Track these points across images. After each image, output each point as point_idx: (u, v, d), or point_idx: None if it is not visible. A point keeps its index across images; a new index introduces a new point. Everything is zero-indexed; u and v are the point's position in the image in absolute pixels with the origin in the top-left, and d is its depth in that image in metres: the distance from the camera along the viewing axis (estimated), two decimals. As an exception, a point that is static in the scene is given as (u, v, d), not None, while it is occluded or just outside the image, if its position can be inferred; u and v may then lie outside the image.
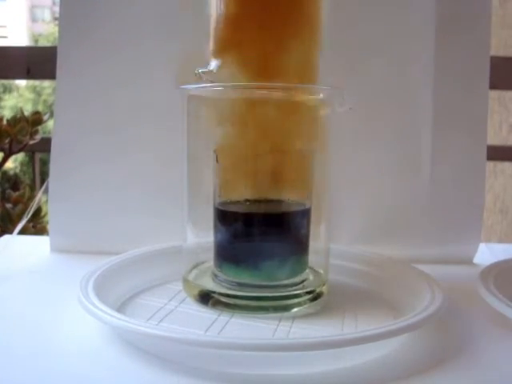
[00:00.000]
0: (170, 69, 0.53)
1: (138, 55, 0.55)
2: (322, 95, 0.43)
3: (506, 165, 1.73)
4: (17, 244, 0.58)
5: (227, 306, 0.41)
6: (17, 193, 0.92)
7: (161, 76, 0.54)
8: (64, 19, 0.56)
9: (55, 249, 0.58)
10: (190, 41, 0.47)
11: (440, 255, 0.55)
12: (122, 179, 0.57)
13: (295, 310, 0.41)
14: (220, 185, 0.43)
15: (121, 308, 0.41)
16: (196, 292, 0.43)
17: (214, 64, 0.41)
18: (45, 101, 7.04)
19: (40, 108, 6.72)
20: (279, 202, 0.43)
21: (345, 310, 0.42)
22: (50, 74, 0.57)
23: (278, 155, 0.42)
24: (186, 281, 0.44)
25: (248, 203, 0.43)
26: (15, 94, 7.33)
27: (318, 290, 0.43)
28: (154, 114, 0.56)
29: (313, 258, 0.44)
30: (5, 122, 0.92)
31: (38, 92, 7.20)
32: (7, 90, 7.19)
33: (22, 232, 0.60)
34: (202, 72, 0.41)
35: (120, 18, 0.55)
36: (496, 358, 0.36)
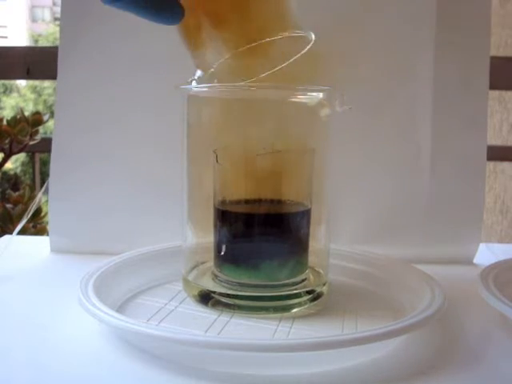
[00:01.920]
0: (170, 69, 0.53)
1: (138, 55, 0.55)
2: (321, 95, 0.43)
3: (506, 165, 1.73)
4: (17, 244, 0.58)
5: (227, 306, 0.41)
6: (17, 193, 0.92)
7: (161, 77, 0.54)
8: (65, 19, 0.56)
9: (55, 249, 0.58)
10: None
11: (440, 255, 0.55)
12: (121, 180, 0.57)
13: (295, 310, 0.41)
14: (220, 185, 0.43)
15: (121, 308, 0.41)
16: (196, 292, 0.43)
17: (199, 72, 0.41)
18: (45, 101, 7.04)
19: (40, 108, 6.73)
20: (279, 202, 0.43)
21: (345, 310, 0.42)
22: (50, 74, 0.57)
23: (278, 155, 0.42)
24: (185, 281, 0.44)
25: (248, 203, 0.43)
26: (15, 94, 7.33)
27: (318, 290, 0.43)
28: (155, 115, 0.56)
29: (313, 258, 0.44)
30: (5, 122, 0.92)
31: (38, 92, 7.20)
32: (7, 90, 7.19)
33: (22, 232, 0.60)
34: (193, 81, 0.41)
35: (120, 18, 0.55)
36: (496, 358, 0.36)
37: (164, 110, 0.54)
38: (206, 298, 0.42)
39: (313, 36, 0.40)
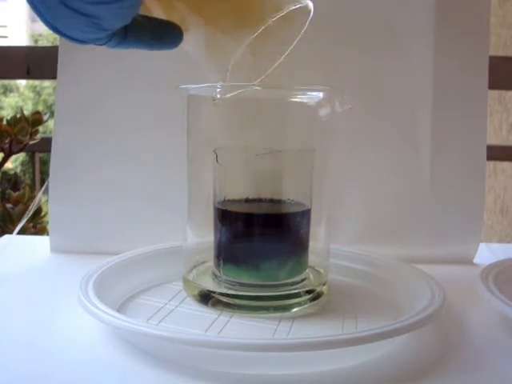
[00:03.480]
0: (171, 69, 0.53)
1: (139, 56, 0.55)
2: (321, 95, 0.43)
3: (506, 165, 1.73)
4: (17, 244, 0.58)
5: (227, 305, 0.41)
6: (17, 193, 0.92)
7: (162, 78, 0.54)
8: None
9: (55, 249, 0.58)
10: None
11: (440, 255, 0.55)
12: (121, 180, 0.56)
13: (295, 309, 0.41)
14: (220, 184, 0.43)
15: (121, 308, 0.41)
16: (196, 292, 0.43)
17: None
18: (45, 100, 7.03)
19: (40, 108, 6.72)
20: (279, 202, 0.43)
21: (345, 310, 0.42)
22: (50, 74, 0.57)
23: (278, 155, 0.42)
24: (186, 281, 0.44)
25: (248, 203, 0.43)
26: (15, 93, 7.33)
27: (318, 290, 0.43)
28: (155, 118, 0.56)
29: (313, 258, 0.44)
30: (5, 122, 0.92)
31: (38, 92, 7.20)
32: (7, 90, 7.18)
33: (22, 232, 0.60)
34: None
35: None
36: (496, 358, 0.36)
37: (164, 113, 0.54)
38: (205, 297, 0.42)
39: (311, 5, 0.40)
